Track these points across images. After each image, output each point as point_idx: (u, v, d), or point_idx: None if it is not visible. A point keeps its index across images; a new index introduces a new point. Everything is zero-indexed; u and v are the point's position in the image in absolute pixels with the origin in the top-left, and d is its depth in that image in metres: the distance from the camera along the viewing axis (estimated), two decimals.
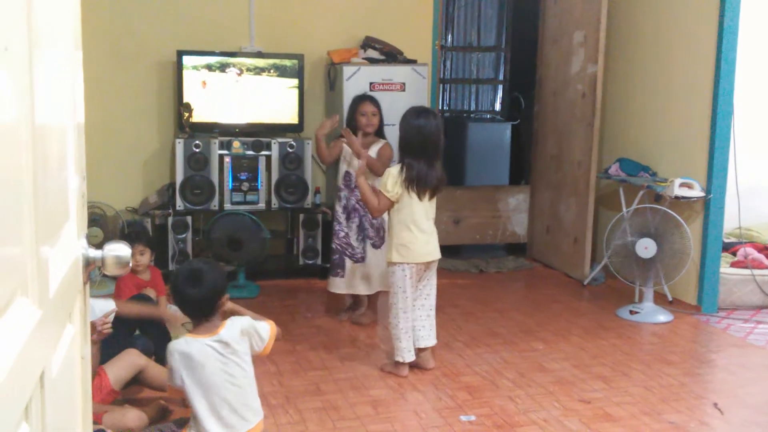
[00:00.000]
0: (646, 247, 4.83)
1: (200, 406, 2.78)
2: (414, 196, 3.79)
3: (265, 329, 2.93)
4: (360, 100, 4.65)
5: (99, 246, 1.45)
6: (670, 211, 4.84)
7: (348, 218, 4.63)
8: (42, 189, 1.07)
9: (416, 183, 3.77)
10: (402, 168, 3.79)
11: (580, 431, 3.29)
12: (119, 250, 1.42)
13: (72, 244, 1.32)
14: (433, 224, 3.92)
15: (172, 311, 3.66)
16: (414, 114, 3.85)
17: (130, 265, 1.45)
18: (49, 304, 1.08)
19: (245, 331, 2.86)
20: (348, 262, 4.63)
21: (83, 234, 1.43)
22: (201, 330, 2.82)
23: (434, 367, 3.94)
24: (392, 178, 3.79)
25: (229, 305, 2.95)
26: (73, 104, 1.39)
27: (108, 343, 3.41)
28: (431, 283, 3.95)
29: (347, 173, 4.63)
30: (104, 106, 5.49)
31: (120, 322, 3.68)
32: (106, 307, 3.49)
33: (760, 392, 3.81)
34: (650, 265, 4.89)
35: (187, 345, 2.79)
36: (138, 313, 3.63)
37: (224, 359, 2.79)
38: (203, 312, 2.83)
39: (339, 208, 4.66)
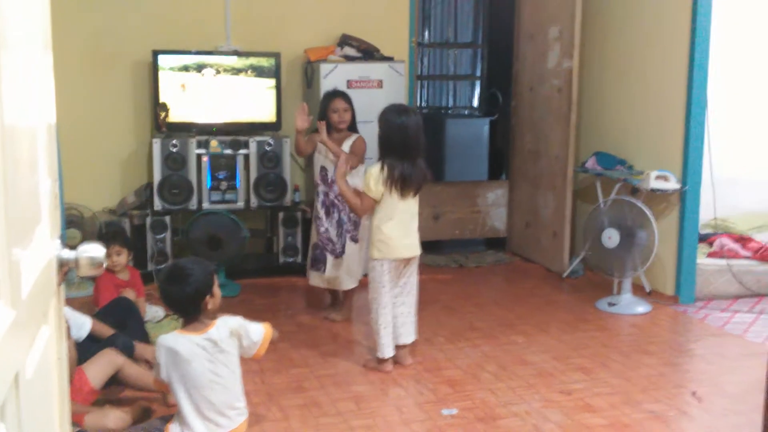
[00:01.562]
0: (610, 237, 4.90)
1: (184, 403, 2.78)
2: (395, 194, 3.79)
3: (257, 332, 2.94)
4: (331, 96, 4.63)
5: (76, 248, 1.45)
6: (639, 204, 4.87)
7: (327, 213, 4.62)
8: (12, 191, 1.06)
9: (400, 183, 3.77)
10: (383, 167, 3.78)
11: (561, 422, 3.32)
12: (93, 250, 1.42)
13: (45, 246, 1.32)
14: (416, 221, 3.92)
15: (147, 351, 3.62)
16: (395, 112, 3.82)
17: (105, 265, 1.45)
18: (22, 305, 1.08)
19: (235, 332, 2.87)
20: (329, 258, 4.63)
21: (56, 235, 1.43)
22: (190, 328, 2.83)
23: (411, 364, 3.95)
24: (374, 178, 3.77)
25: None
26: (43, 105, 1.38)
27: (87, 343, 3.41)
28: (412, 280, 3.95)
29: (323, 168, 4.63)
30: (80, 107, 5.45)
31: (99, 320, 3.68)
32: (82, 323, 3.47)
33: (738, 380, 3.86)
34: (613, 255, 4.95)
35: (175, 341, 2.79)
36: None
37: (212, 358, 2.80)
38: (187, 310, 2.83)
39: (318, 204, 4.65)
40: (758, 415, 3.37)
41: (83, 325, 3.47)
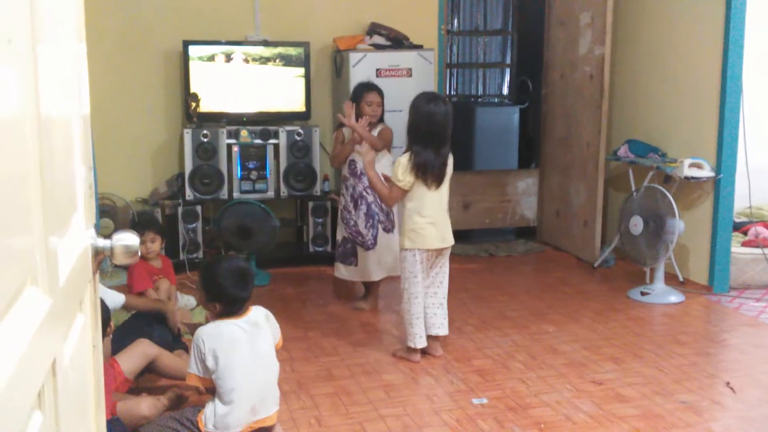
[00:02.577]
0: (636, 225, 4.89)
1: (224, 387, 2.79)
2: (421, 182, 3.79)
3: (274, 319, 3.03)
4: (365, 89, 4.60)
5: (110, 237, 1.46)
6: (662, 190, 4.82)
7: (356, 206, 4.62)
8: (49, 180, 1.08)
9: (424, 171, 3.76)
10: (411, 156, 3.78)
11: (592, 412, 3.30)
12: (128, 239, 1.43)
13: (80, 234, 1.33)
14: (446, 211, 3.91)
15: (179, 307, 3.75)
16: (423, 100, 3.81)
17: (139, 253, 1.46)
18: (59, 293, 1.10)
19: (268, 316, 2.95)
20: (360, 250, 4.63)
21: (91, 224, 1.44)
22: (233, 315, 2.87)
23: (442, 355, 3.95)
24: (402, 167, 3.77)
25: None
26: (78, 96, 1.40)
27: (123, 334, 3.45)
28: (444, 271, 3.94)
29: (352, 161, 4.61)
30: (112, 97, 5.51)
31: (136, 313, 3.74)
32: (116, 300, 3.54)
33: None
34: (638, 242, 4.93)
35: (216, 328, 2.84)
36: (144, 307, 3.66)
37: (252, 339, 2.84)
38: (243, 305, 2.88)
39: (347, 197, 4.65)
40: None
41: (114, 299, 3.54)
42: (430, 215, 3.81)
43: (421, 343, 3.87)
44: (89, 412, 1.39)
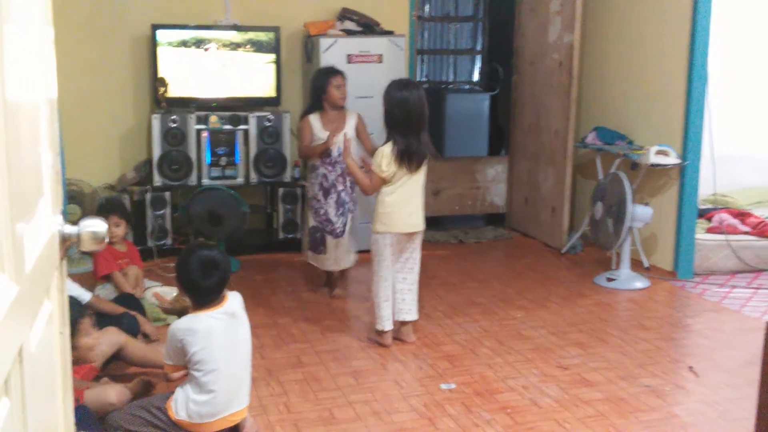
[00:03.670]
0: (597, 210, 5.05)
1: (204, 381, 2.77)
2: (404, 170, 3.80)
3: None
4: (332, 73, 4.59)
5: (77, 223, 1.45)
6: (622, 177, 4.90)
7: (326, 195, 4.59)
8: (15, 166, 1.07)
9: (409, 158, 3.78)
10: (393, 146, 3.79)
11: (558, 397, 3.35)
12: (95, 225, 1.42)
13: (47, 221, 1.32)
14: (421, 196, 3.93)
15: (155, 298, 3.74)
16: (395, 88, 3.83)
17: (106, 240, 1.46)
18: (25, 279, 1.09)
19: (242, 305, 2.92)
20: (329, 239, 4.62)
21: (58, 210, 1.43)
22: (207, 306, 2.84)
23: (414, 341, 3.97)
24: (386, 158, 3.78)
25: None
26: (44, 80, 1.38)
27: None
28: (414, 256, 3.96)
29: (325, 149, 4.59)
30: (79, 82, 5.43)
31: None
32: (82, 298, 3.50)
33: (735, 355, 3.89)
34: (599, 227, 5.06)
35: (192, 321, 2.80)
36: (105, 309, 3.62)
37: (229, 330, 2.82)
38: (216, 295, 2.85)
39: (315, 185, 4.62)
40: (754, 389, 3.39)
41: (80, 296, 3.50)
42: (402, 199, 3.83)
43: (388, 325, 3.89)
44: (57, 398, 1.39)
